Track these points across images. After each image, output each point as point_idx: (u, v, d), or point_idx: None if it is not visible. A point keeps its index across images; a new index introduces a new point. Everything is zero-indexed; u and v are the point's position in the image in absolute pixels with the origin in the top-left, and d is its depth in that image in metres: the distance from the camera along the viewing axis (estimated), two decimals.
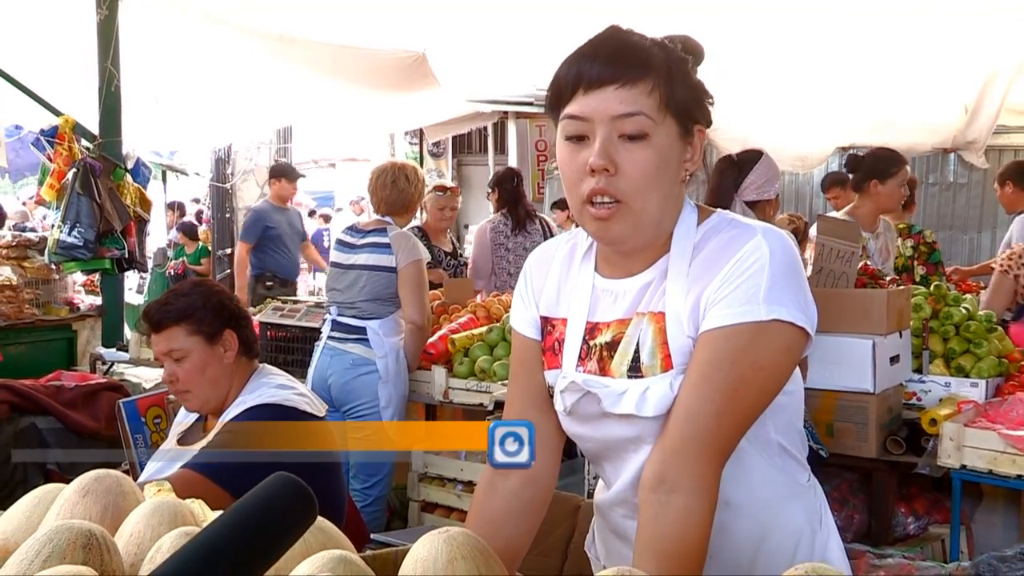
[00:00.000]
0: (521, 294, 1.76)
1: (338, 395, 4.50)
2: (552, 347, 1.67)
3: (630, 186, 1.46)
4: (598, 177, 1.45)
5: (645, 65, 1.46)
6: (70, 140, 5.89)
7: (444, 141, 13.52)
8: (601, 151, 1.44)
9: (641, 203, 1.47)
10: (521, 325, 1.74)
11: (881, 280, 4.26)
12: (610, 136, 1.45)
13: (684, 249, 1.53)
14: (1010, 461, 3.24)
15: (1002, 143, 9.78)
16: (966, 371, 3.86)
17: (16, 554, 1.21)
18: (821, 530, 1.67)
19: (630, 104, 1.44)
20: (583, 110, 1.46)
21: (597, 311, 1.61)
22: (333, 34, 6.67)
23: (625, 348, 1.54)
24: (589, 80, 1.46)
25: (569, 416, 1.63)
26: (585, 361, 1.60)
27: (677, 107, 1.48)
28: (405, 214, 4.82)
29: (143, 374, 5.21)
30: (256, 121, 9.93)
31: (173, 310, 2.67)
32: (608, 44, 1.49)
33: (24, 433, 4.03)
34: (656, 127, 1.46)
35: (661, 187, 1.49)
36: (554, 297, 1.69)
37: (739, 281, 1.45)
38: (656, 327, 1.51)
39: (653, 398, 1.49)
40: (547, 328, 1.70)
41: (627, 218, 1.48)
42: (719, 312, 1.45)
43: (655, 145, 1.46)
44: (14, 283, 6.27)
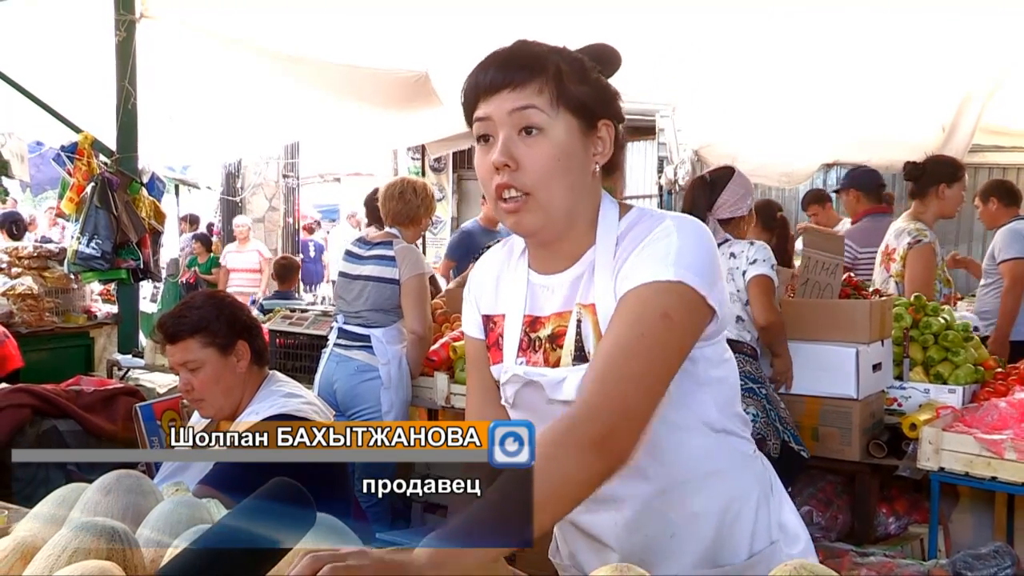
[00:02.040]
0: (466, 297, 1.78)
1: (343, 400, 4.50)
2: (496, 343, 1.69)
3: (532, 178, 1.49)
4: (502, 173, 1.49)
5: (533, 68, 1.51)
6: (89, 156, 5.92)
7: (445, 157, 13.54)
8: (502, 148, 1.49)
9: (546, 194, 1.50)
10: (468, 327, 1.77)
11: (864, 291, 4.29)
12: (510, 134, 1.49)
13: (608, 242, 1.56)
14: (985, 464, 3.25)
15: (977, 161, 9.79)
16: (944, 378, 3.88)
17: (43, 550, 1.23)
18: (774, 495, 1.69)
19: (522, 100, 1.49)
20: (484, 112, 1.52)
21: (536, 305, 1.63)
22: (340, 54, 6.68)
23: (567, 340, 1.56)
24: (485, 87, 1.52)
25: (513, 408, 1.65)
26: (528, 352, 1.62)
27: (571, 103, 1.52)
28: (412, 227, 4.78)
29: (157, 379, 5.22)
30: (265, 137, 9.93)
31: (187, 322, 2.67)
32: (502, 54, 1.55)
33: (46, 435, 4.03)
34: (550, 121, 1.49)
35: (564, 178, 1.51)
36: (492, 295, 1.72)
37: (648, 251, 1.48)
38: (592, 318, 1.54)
39: None
40: (489, 326, 1.72)
41: (535, 209, 1.51)
42: (630, 279, 1.47)
43: (551, 138, 1.49)
44: (35, 292, 6.29)
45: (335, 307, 4.80)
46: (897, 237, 4.80)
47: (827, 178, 12.35)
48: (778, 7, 6.07)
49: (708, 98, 7.67)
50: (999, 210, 5.60)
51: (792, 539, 1.68)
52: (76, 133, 6.02)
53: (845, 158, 8.91)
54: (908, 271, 4.70)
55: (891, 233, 4.89)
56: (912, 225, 4.78)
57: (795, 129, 7.91)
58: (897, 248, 4.77)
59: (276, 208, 15.47)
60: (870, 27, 6.36)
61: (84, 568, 1.13)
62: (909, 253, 4.69)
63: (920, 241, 4.68)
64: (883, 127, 7.90)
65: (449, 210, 13.94)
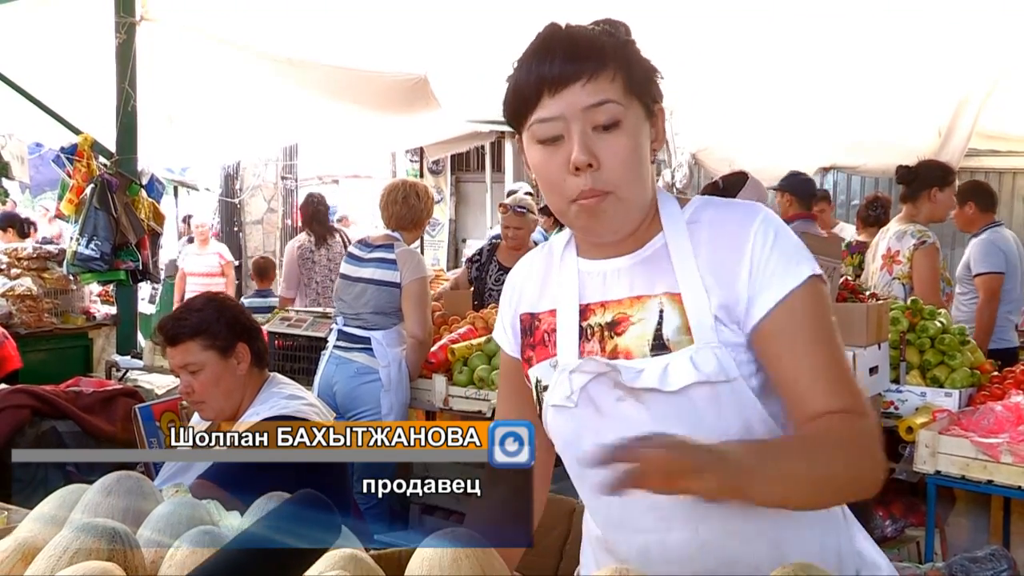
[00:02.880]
0: (501, 311, 1.68)
1: (343, 401, 4.51)
2: (542, 340, 1.57)
3: (615, 176, 1.39)
4: (583, 176, 1.38)
5: (602, 55, 1.40)
6: (88, 157, 5.92)
7: (443, 159, 13.54)
8: (581, 146, 1.37)
9: (627, 191, 1.41)
10: (503, 343, 1.68)
11: (861, 295, 4.29)
12: (585, 130, 1.38)
13: (678, 229, 1.47)
14: (981, 467, 3.26)
15: (974, 165, 9.78)
16: (941, 382, 3.89)
17: (44, 551, 1.23)
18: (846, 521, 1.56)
19: (599, 94, 1.38)
20: (553, 111, 1.39)
21: (586, 293, 1.52)
22: (339, 57, 6.69)
23: (642, 328, 1.44)
24: (552, 81, 1.39)
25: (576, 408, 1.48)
26: (583, 344, 1.50)
27: (639, 88, 1.43)
28: (414, 230, 4.79)
29: (156, 381, 5.21)
30: (264, 139, 9.93)
31: (188, 325, 2.67)
32: (561, 42, 1.41)
33: (45, 436, 4.03)
34: (626, 112, 1.40)
35: (641, 170, 1.43)
36: (536, 293, 1.61)
37: (770, 258, 1.41)
38: (678, 307, 1.43)
39: (675, 372, 1.40)
40: (533, 324, 1.60)
41: (617, 209, 1.41)
42: (769, 293, 1.40)
43: (628, 130, 1.40)
44: (34, 293, 6.30)
45: (335, 308, 4.80)
46: (899, 240, 4.82)
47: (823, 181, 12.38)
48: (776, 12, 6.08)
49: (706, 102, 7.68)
50: (975, 215, 5.58)
51: (871, 566, 1.55)
52: (76, 135, 6.02)
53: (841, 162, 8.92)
54: (916, 272, 4.74)
55: (890, 236, 4.91)
56: (913, 227, 4.81)
57: (792, 133, 7.93)
58: (901, 250, 4.80)
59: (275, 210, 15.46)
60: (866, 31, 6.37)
61: (85, 569, 1.13)
62: (915, 254, 4.73)
63: (924, 242, 4.73)
64: (879, 131, 7.92)
65: (447, 212, 13.94)
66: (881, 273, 4.89)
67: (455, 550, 1.24)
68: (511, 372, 1.66)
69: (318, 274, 7.18)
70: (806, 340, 1.39)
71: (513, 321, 1.64)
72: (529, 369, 1.59)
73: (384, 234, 4.77)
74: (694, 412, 1.41)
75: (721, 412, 1.41)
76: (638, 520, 1.47)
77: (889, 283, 4.82)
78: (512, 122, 1.47)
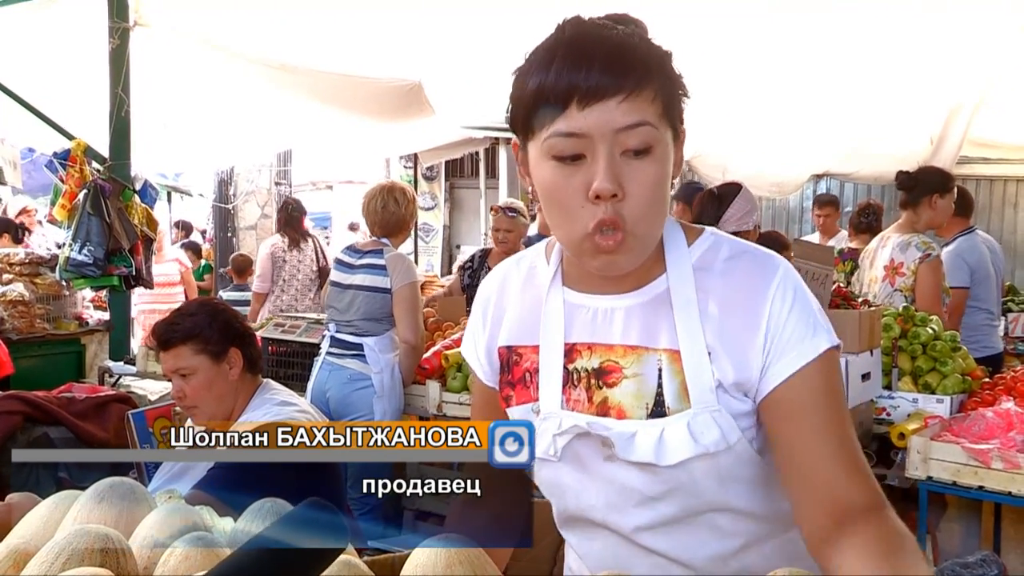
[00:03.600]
0: (474, 328, 1.52)
1: (336, 408, 4.51)
2: (522, 379, 1.42)
3: (637, 210, 1.22)
4: (605, 206, 1.20)
5: (646, 70, 1.21)
6: (82, 163, 5.91)
7: (437, 165, 13.55)
8: (608, 174, 1.19)
9: (646, 227, 1.24)
10: (476, 368, 1.53)
11: (853, 301, 4.30)
12: (612, 153, 1.19)
13: (683, 274, 1.32)
14: (972, 473, 3.27)
15: (965, 173, 9.86)
16: (932, 388, 3.90)
17: (36, 557, 1.23)
18: None
19: (634, 115, 1.19)
20: (580, 126, 1.19)
21: (572, 331, 1.37)
22: (333, 63, 6.69)
23: (638, 386, 1.32)
24: (586, 92, 1.19)
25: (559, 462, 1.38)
26: (568, 390, 1.36)
27: (673, 112, 1.26)
28: (399, 234, 4.77)
29: (149, 386, 5.21)
30: (258, 145, 9.91)
31: (180, 329, 2.68)
32: (601, 47, 1.20)
33: (37, 442, 4.02)
34: (659, 136, 1.22)
35: (663, 204, 1.26)
36: (516, 321, 1.44)
37: (787, 325, 1.29)
38: (676, 367, 1.30)
39: (672, 442, 1.29)
40: (511, 359, 1.44)
41: (634, 247, 1.25)
42: (784, 363, 1.28)
43: (659, 158, 1.22)
44: (26, 299, 6.29)
45: (327, 316, 4.79)
46: (903, 251, 4.77)
47: (817, 188, 12.43)
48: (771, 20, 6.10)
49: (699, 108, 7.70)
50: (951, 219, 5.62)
51: None
52: (69, 140, 6.01)
53: (835, 169, 8.97)
54: (920, 286, 4.69)
55: (893, 247, 4.86)
56: (916, 238, 4.78)
57: (785, 140, 7.97)
58: (905, 262, 4.76)
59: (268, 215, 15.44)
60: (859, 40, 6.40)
61: (78, 574, 1.13)
62: (920, 268, 4.70)
63: (929, 255, 4.71)
64: (872, 139, 7.97)
65: (441, 218, 13.95)
66: (883, 284, 4.85)
67: (448, 554, 1.24)
68: (487, 401, 1.51)
69: (286, 273, 7.60)
70: (821, 420, 1.28)
71: (489, 349, 1.49)
72: (507, 409, 1.45)
73: (372, 239, 4.76)
74: (692, 484, 1.33)
75: (722, 482, 1.33)
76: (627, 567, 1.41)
77: (891, 295, 4.78)
78: (520, 127, 1.29)
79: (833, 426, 1.28)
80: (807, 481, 1.27)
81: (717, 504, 1.35)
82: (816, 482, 1.26)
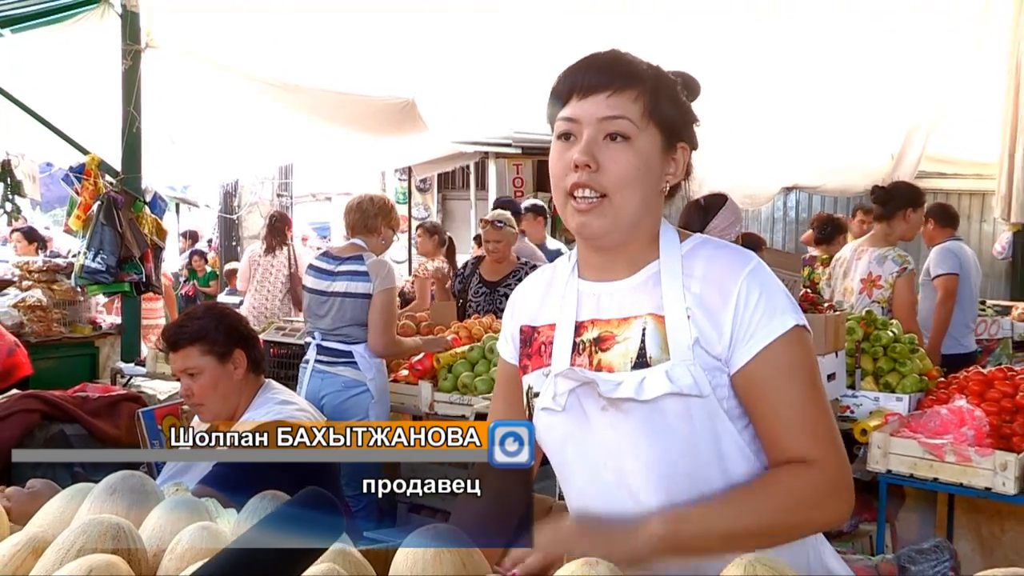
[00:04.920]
0: (505, 322, 1.72)
1: (331, 414, 4.36)
2: (538, 350, 1.59)
3: (611, 181, 1.43)
4: (580, 172, 1.43)
5: (632, 76, 1.46)
6: (95, 176, 5.91)
7: (430, 178, 13.54)
8: (585, 148, 1.43)
9: (621, 199, 1.44)
10: (504, 351, 1.71)
11: (819, 306, 4.33)
12: (595, 136, 1.43)
13: (672, 258, 1.49)
14: (928, 466, 3.30)
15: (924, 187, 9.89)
16: (892, 387, 3.93)
17: (53, 545, 1.24)
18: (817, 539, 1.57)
19: (615, 109, 1.43)
20: (573, 112, 1.45)
21: (582, 311, 1.55)
22: (331, 82, 6.70)
23: (626, 345, 1.47)
24: (582, 87, 1.45)
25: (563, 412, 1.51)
26: (574, 357, 1.52)
27: (661, 119, 1.47)
28: (373, 236, 4.56)
29: (158, 386, 5.19)
30: (261, 159, 9.90)
31: (188, 331, 2.69)
32: (603, 58, 1.48)
33: (54, 439, 4.02)
34: (639, 132, 1.44)
35: (641, 188, 1.45)
36: (537, 307, 1.63)
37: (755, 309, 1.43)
38: (660, 328, 1.45)
39: (650, 384, 1.42)
40: (532, 336, 1.62)
41: (607, 213, 1.45)
42: (757, 338, 1.43)
43: (636, 148, 1.44)
44: (44, 304, 6.28)
45: (308, 324, 4.58)
46: (880, 264, 4.80)
47: (787, 200, 12.49)
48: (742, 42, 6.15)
49: None
50: (935, 229, 5.76)
51: None
52: (84, 155, 6.00)
53: (803, 182, 9.01)
54: (897, 298, 4.74)
55: (869, 260, 4.87)
56: (892, 251, 4.82)
57: (758, 155, 8.00)
58: (882, 275, 4.79)
59: None
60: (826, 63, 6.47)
61: (91, 562, 1.14)
62: (898, 281, 4.74)
63: (906, 269, 4.75)
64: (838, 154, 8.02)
65: None
66: (860, 296, 4.86)
67: (437, 547, 1.25)
68: (508, 377, 1.69)
69: (258, 274, 8.01)
70: (784, 388, 1.42)
71: (514, 332, 1.67)
72: (524, 376, 1.61)
73: (349, 244, 4.58)
74: (666, 424, 1.43)
75: (693, 426, 1.43)
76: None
77: (868, 306, 4.78)
78: (548, 117, 1.53)
79: (798, 397, 1.42)
80: (766, 440, 1.44)
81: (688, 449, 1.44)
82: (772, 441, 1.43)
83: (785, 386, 1.42)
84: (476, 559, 1.28)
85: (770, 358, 1.42)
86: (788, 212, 12.74)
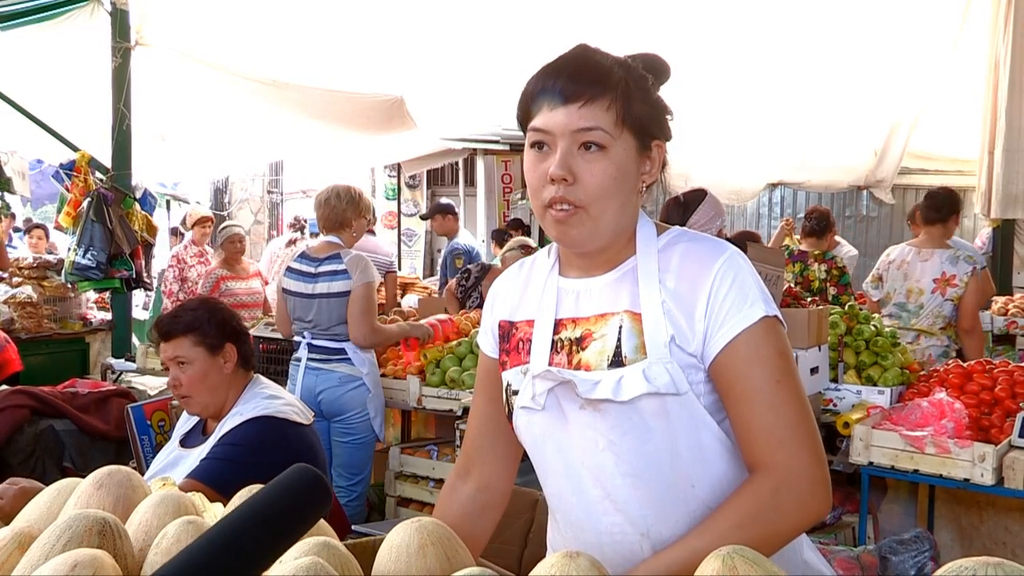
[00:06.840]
0: (485, 316, 1.70)
1: (328, 408, 4.35)
2: (516, 347, 1.57)
3: (588, 194, 1.40)
4: (557, 186, 1.40)
5: (604, 83, 1.40)
6: (86, 173, 5.88)
7: (419, 174, 13.54)
8: (560, 162, 1.39)
9: (598, 210, 1.41)
10: (484, 345, 1.69)
11: (803, 301, 4.34)
12: (570, 148, 1.40)
13: (649, 254, 1.47)
14: (909, 458, 3.32)
15: (906, 182, 10.08)
16: (874, 380, 3.95)
17: (40, 539, 1.23)
18: None
19: (589, 120, 1.39)
20: (546, 124, 1.41)
21: (561, 309, 1.52)
22: (321, 80, 6.68)
23: (603, 344, 1.45)
24: (552, 97, 1.41)
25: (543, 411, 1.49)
26: (552, 355, 1.50)
27: (634, 123, 1.43)
28: (343, 230, 4.50)
29: (148, 382, 5.18)
30: (250, 156, 9.91)
31: (181, 322, 2.69)
32: (572, 64, 1.43)
33: (43, 434, 4.01)
34: (613, 141, 1.40)
35: (618, 196, 1.42)
36: (516, 303, 1.61)
37: (727, 298, 1.41)
38: (636, 326, 1.43)
39: (627, 384, 1.40)
40: (510, 331, 1.60)
41: (585, 223, 1.42)
42: (726, 329, 1.40)
43: (612, 157, 1.40)
44: (34, 300, 6.26)
45: (295, 326, 4.51)
46: (953, 264, 5.07)
47: (772, 196, 12.52)
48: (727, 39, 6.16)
49: None
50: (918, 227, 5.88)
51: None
52: (74, 152, 5.98)
53: (788, 178, 9.02)
54: (968, 295, 5.04)
55: (942, 261, 5.11)
56: (963, 252, 5.19)
57: (743, 152, 8.02)
58: (957, 274, 5.06)
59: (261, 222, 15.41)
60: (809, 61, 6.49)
61: (77, 556, 1.13)
62: (971, 280, 5.04)
63: (976, 268, 5.09)
64: (822, 151, 8.05)
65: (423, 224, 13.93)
66: (932, 296, 5.10)
67: (421, 539, 1.25)
68: (489, 372, 1.67)
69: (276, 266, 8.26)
70: (751, 378, 1.39)
71: (493, 326, 1.65)
72: (503, 372, 1.59)
73: (324, 243, 4.51)
74: (643, 423, 1.41)
75: (670, 424, 1.41)
76: (596, 522, 1.48)
77: (941, 304, 5.08)
78: (520, 121, 1.49)
79: (768, 386, 1.39)
80: (740, 439, 1.41)
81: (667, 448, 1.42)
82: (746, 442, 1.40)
83: (753, 376, 1.39)
84: (460, 552, 1.27)
85: (739, 348, 1.40)
86: (773, 208, 12.78)
